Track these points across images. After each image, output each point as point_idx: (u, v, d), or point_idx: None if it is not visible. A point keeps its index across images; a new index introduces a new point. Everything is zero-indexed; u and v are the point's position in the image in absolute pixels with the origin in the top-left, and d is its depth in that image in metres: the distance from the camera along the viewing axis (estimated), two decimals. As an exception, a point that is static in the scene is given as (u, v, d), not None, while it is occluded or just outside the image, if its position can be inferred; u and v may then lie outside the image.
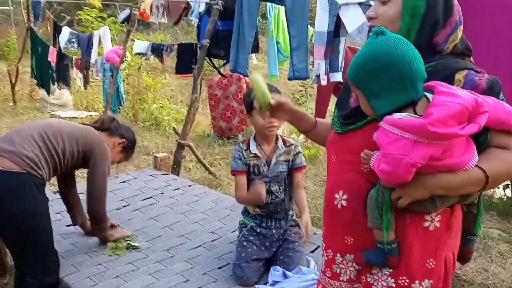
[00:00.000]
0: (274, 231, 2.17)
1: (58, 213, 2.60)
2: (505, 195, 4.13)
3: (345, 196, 1.20)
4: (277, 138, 2.14)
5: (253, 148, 2.10)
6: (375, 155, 1.06)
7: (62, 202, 2.40)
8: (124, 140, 2.32)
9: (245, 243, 2.12)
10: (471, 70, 1.09)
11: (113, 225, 2.48)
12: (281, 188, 2.14)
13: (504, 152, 1.06)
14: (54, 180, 2.30)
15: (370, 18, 1.18)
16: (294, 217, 2.29)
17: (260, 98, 1.30)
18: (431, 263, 1.14)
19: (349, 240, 1.21)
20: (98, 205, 2.16)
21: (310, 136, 1.46)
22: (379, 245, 1.13)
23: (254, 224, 2.18)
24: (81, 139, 2.09)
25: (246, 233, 2.17)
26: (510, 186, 3.98)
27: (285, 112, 1.35)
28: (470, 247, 1.29)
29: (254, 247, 2.10)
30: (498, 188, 4.00)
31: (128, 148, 2.38)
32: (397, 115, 1.01)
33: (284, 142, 2.15)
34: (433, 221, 1.12)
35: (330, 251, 1.28)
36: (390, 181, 1.03)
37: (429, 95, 1.02)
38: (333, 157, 1.27)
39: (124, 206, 2.87)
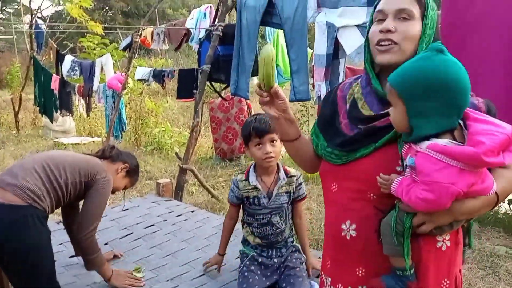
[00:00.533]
0: (275, 260, 2.14)
1: (61, 243, 2.58)
2: (511, 209, 4.08)
3: (353, 226, 1.17)
4: (278, 169, 2.09)
5: (253, 179, 2.05)
6: (397, 180, 1.04)
7: (65, 232, 2.39)
8: (126, 164, 2.30)
9: (246, 274, 2.08)
10: None
11: (115, 255, 2.45)
12: (282, 218, 2.10)
13: (506, 171, 1.09)
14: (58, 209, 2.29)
15: (387, 31, 1.11)
16: (294, 242, 2.26)
17: (263, 77, 1.19)
18: (445, 283, 1.14)
19: (360, 271, 1.18)
20: (84, 233, 2.03)
21: (289, 147, 1.35)
22: (398, 271, 1.10)
23: (255, 254, 2.15)
24: (83, 168, 2.07)
25: (248, 263, 2.13)
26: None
27: (278, 106, 1.23)
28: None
29: (256, 277, 2.06)
30: (504, 202, 3.97)
31: (132, 172, 2.35)
32: (440, 141, 0.98)
33: (286, 172, 2.10)
34: (445, 240, 1.13)
35: (340, 285, 1.23)
36: (428, 209, 1.00)
37: (460, 121, 1.02)
38: (333, 187, 1.23)
39: (127, 235, 2.85)
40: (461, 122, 1.01)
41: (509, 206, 4.06)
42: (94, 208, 2.08)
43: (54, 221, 2.78)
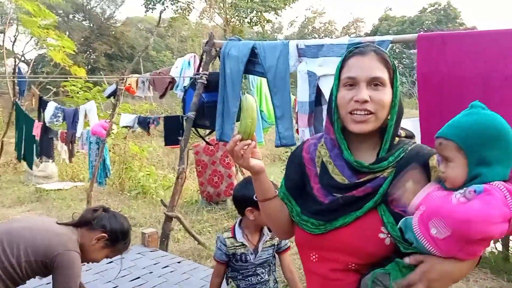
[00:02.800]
0: None
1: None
2: (496, 248, 4.10)
3: None
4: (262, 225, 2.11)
5: (240, 236, 2.09)
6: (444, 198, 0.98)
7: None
8: (104, 234, 2.02)
9: None
10: (436, 154, 1.11)
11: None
12: (266, 269, 2.13)
13: None
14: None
15: (364, 102, 1.09)
16: None
17: (248, 124, 1.15)
18: None
19: None
20: None
21: (267, 207, 1.27)
22: None
23: None
24: (42, 248, 1.87)
25: None
26: (500, 240, 3.97)
27: (257, 155, 1.19)
28: None
29: None
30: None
31: (113, 241, 2.06)
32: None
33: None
34: None
35: None
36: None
37: None
38: (313, 257, 1.19)
39: (112, 289, 2.78)
40: None
41: (494, 245, 4.09)
42: None
43: None
